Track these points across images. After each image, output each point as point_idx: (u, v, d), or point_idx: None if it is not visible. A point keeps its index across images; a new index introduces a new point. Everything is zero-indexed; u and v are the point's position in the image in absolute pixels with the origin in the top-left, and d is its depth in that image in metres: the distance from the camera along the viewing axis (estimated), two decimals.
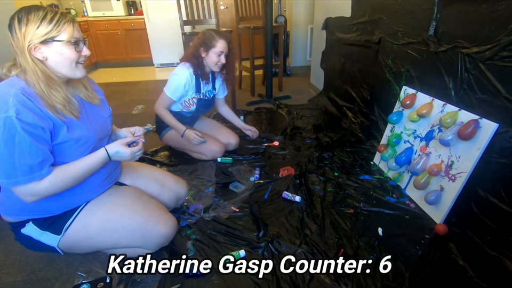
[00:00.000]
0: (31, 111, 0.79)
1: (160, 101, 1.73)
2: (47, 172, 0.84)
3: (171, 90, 1.68)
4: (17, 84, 0.82)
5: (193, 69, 1.67)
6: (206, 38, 1.62)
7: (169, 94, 1.69)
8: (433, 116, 1.38)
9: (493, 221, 1.09)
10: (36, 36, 0.80)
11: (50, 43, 0.83)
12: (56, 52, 0.84)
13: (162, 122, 1.82)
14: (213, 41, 1.61)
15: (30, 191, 0.84)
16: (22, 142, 0.78)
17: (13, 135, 0.77)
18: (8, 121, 0.76)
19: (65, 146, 0.89)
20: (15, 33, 0.81)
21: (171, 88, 1.68)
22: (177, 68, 1.70)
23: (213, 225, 1.31)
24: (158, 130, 1.95)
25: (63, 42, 0.84)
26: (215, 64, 1.65)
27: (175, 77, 1.67)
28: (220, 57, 1.63)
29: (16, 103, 0.77)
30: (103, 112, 1.08)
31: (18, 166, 0.80)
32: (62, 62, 0.86)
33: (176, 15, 2.90)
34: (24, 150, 0.79)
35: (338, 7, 2.47)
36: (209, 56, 1.64)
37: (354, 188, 1.55)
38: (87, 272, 1.08)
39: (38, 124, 0.80)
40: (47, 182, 0.85)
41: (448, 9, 1.30)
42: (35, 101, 0.82)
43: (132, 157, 0.99)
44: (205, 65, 1.68)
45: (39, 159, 0.82)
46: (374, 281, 1.02)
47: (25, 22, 0.80)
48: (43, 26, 0.81)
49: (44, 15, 0.82)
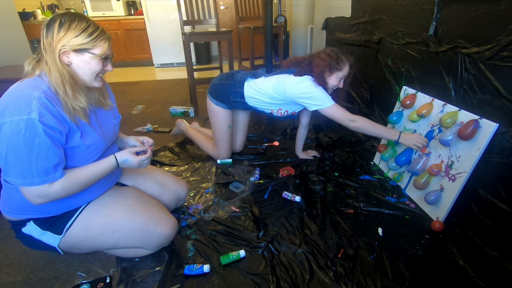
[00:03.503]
0: (52, 115, 0.81)
1: (340, 112, 1.44)
2: (60, 174, 0.86)
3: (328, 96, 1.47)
4: (40, 86, 0.83)
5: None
6: (334, 60, 1.46)
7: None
8: (433, 116, 1.38)
9: (493, 221, 1.09)
10: (71, 43, 0.83)
11: (82, 52, 0.86)
12: (83, 61, 0.87)
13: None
14: (341, 64, 1.46)
15: (40, 193, 0.85)
16: (42, 144, 0.80)
17: (33, 137, 0.78)
18: (30, 123, 0.77)
19: (76, 151, 0.91)
20: (51, 33, 0.82)
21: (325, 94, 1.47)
22: (308, 80, 1.47)
23: (213, 225, 1.31)
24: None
25: (94, 56, 0.87)
26: (331, 87, 1.51)
27: (313, 88, 1.45)
28: (340, 81, 1.50)
29: (39, 106, 0.78)
30: (113, 118, 1.09)
31: (35, 168, 0.81)
32: (85, 70, 0.88)
33: (176, 15, 2.91)
34: (42, 152, 0.80)
35: (338, 7, 2.47)
36: (331, 77, 1.48)
37: (354, 188, 1.55)
38: (87, 272, 1.08)
39: (57, 128, 0.82)
40: (59, 185, 0.86)
41: (448, 9, 1.30)
42: (56, 104, 0.83)
43: (139, 165, 1.01)
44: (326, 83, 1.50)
45: (55, 162, 0.83)
46: (374, 281, 1.02)
47: (66, 28, 0.82)
48: (81, 37, 0.83)
49: (86, 27, 0.84)
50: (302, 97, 1.47)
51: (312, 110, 1.48)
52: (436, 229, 1.23)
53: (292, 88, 1.48)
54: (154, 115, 2.75)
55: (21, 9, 4.31)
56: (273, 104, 1.59)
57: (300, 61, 1.55)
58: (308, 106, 1.48)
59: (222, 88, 1.64)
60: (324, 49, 1.52)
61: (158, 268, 1.09)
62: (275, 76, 1.56)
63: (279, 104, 1.59)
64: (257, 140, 2.16)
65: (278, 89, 1.53)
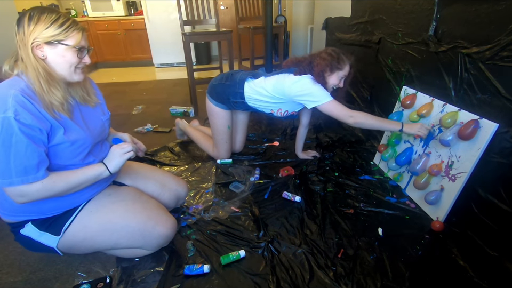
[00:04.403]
0: (29, 112, 0.80)
1: (338, 108, 1.43)
2: (42, 175, 0.84)
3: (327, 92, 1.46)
4: (17, 84, 0.82)
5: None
6: (335, 59, 1.45)
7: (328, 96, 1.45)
8: (433, 116, 1.37)
9: (493, 221, 1.09)
10: (42, 36, 0.82)
11: (55, 45, 0.85)
12: (57, 54, 0.86)
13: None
14: (341, 63, 1.45)
15: (20, 192, 0.84)
16: (19, 142, 0.79)
17: (10, 136, 0.78)
18: (6, 122, 0.77)
19: (60, 148, 0.89)
20: (22, 28, 0.82)
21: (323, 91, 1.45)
22: (306, 78, 1.47)
23: (213, 225, 1.31)
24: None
25: (67, 47, 0.86)
26: (332, 86, 1.50)
27: (311, 85, 1.45)
28: (341, 80, 1.49)
29: (15, 104, 0.78)
30: (101, 115, 1.08)
31: (13, 167, 0.80)
32: (61, 64, 0.87)
33: (176, 15, 2.91)
34: (20, 151, 0.79)
35: (338, 7, 2.47)
36: (331, 77, 1.47)
37: (354, 188, 1.55)
38: (87, 272, 1.08)
39: (35, 126, 0.81)
40: (39, 184, 0.84)
41: (448, 9, 1.30)
42: (34, 101, 0.82)
43: (122, 152, 0.98)
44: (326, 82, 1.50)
45: (35, 161, 0.82)
46: (374, 281, 1.02)
47: (35, 21, 0.81)
48: (52, 28, 0.83)
49: (56, 18, 0.84)
50: (300, 94, 1.46)
51: (311, 107, 1.47)
52: (436, 229, 1.23)
53: (290, 87, 1.48)
54: (154, 115, 2.75)
55: (21, 9, 4.29)
56: (273, 104, 1.59)
57: (300, 61, 1.55)
58: (306, 104, 1.48)
59: (222, 89, 1.64)
60: (325, 49, 1.52)
61: (158, 268, 1.09)
62: (275, 76, 1.56)
63: (279, 103, 1.58)
64: (257, 140, 2.16)
65: (277, 88, 1.52)
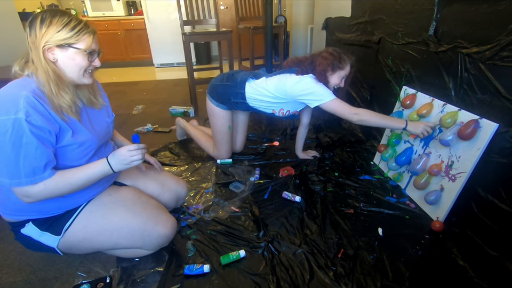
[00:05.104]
0: (40, 114, 0.80)
1: (342, 106, 1.43)
2: (48, 174, 0.85)
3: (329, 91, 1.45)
4: (28, 85, 0.83)
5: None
6: (336, 59, 1.46)
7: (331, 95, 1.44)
8: (433, 116, 1.37)
9: (493, 221, 1.09)
10: (53, 39, 0.82)
11: (66, 48, 0.85)
12: (68, 57, 0.86)
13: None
14: (343, 63, 1.46)
15: (25, 193, 0.84)
16: (29, 144, 0.79)
17: (20, 137, 0.78)
18: (17, 123, 0.77)
19: (67, 149, 0.90)
20: (34, 30, 0.81)
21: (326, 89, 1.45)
22: (308, 78, 1.47)
23: (213, 225, 1.31)
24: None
25: (78, 50, 0.86)
26: (333, 86, 1.50)
27: (313, 84, 1.45)
28: (342, 80, 1.50)
29: (27, 105, 0.78)
30: (106, 117, 1.09)
31: (22, 168, 0.80)
32: (71, 67, 0.88)
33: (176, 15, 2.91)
34: (29, 152, 0.80)
35: (338, 7, 2.47)
36: (333, 76, 1.48)
37: (354, 188, 1.55)
38: (87, 272, 1.08)
39: (45, 127, 0.81)
40: (41, 184, 0.85)
41: (448, 9, 1.30)
42: (44, 103, 0.83)
43: (130, 155, 0.94)
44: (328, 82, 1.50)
45: (43, 162, 0.83)
46: (374, 281, 1.02)
47: (47, 24, 0.81)
48: (63, 32, 0.83)
49: (68, 21, 0.84)
50: (303, 94, 1.46)
51: (314, 106, 1.47)
52: (436, 229, 1.23)
53: (293, 87, 1.47)
54: (154, 115, 2.75)
55: (21, 9, 4.30)
56: (275, 104, 1.59)
57: (301, 61, 1.55)
58: (310, 103, 1.48)
59: (223, 89, 1.64)
60: (326, 49, 1.52)
61: (158, 268, 1.09)
62: (276, 76, 1.56)
63: (281, 103, 1.58)
64: (257, 139, 2.15)
65: (279, 88, 1.52)
